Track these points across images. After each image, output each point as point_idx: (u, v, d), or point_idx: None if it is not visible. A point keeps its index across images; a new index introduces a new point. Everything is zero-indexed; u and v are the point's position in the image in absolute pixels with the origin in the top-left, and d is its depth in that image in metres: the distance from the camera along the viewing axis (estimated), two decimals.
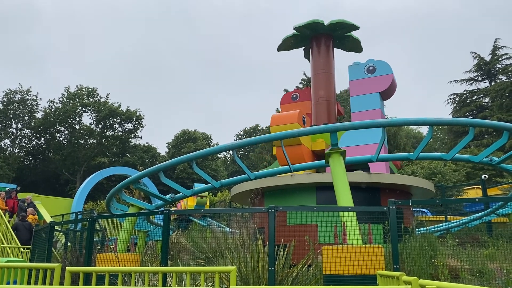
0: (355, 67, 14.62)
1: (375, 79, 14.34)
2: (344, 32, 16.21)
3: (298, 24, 16.06)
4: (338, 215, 7.59)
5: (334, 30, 15.91)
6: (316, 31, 16.02)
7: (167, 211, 7.44)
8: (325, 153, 8.52)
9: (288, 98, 16.94)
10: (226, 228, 14.10)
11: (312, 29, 16.03)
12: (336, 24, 15.62)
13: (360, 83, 14.22)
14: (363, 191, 11.15)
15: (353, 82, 14.33)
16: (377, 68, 14.39)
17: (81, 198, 26.00)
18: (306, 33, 16.28)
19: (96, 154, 49.63)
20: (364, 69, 14.45)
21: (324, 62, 15.75)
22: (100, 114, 49.92)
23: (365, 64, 14.64)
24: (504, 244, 9.30)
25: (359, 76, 14.49)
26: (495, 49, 42.51)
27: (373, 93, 14.28)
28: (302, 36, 16.42)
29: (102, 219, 13.73)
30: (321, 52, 15.93)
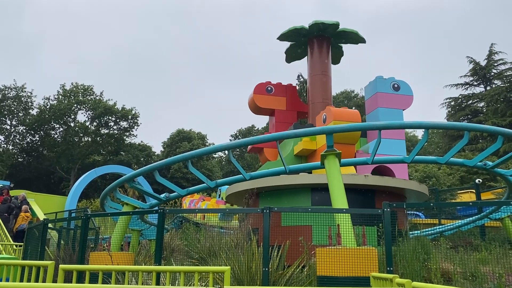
0: (381, 80, 15.09)
1: (400, 97, 15.01)
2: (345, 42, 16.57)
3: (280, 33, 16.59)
4: (333, 216, 7.60)
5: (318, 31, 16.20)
6: (305, 36, 16.48)
7: (162, 211, 7.43)
8: (321, 154, 8.54)
9: (262, 88, 16.55)
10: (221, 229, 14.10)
11: (300, 35, 16.60)
12: (348, 32, 16.05)
13: (387, 97, 14.80)
14: (358, 193, 11.19)
15: (381, 94, 14.82)
16: (401, 87, 15.07)
17: (75, 196, 25.88)
18: (299, 40, 16.76)
19: (90, 152, 49.41)
20: (390, 85, 14.94)
21: (319, 65, 15.86)
22: (95, 112, 49.72)
23: (390, 80, 15.19)
24: (496, 248, 9.37)
25: (386, 90, 15.04)
26: (491, 54, 42.79)
27: (398, 109, 14.96)
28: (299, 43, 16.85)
29: (96, 217, 13.67)
30: (315, 55, 16.08)
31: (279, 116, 16.35)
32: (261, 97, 16.34)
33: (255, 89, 16.40)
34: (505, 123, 35.98)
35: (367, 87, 15.57)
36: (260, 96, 16.33)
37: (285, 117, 16.46)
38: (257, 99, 16.23)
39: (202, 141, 55.84)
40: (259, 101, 16.23)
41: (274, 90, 16.54)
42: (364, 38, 16.57)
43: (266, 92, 16.42)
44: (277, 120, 16.22)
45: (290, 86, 16.97)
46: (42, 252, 10.02)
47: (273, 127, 16.30)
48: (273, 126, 16.40)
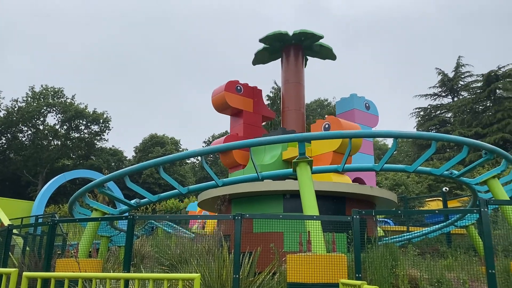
0: (357, 98, 15.56)
1: (370, 116, 15.61)
2: (311, 42, 16.53)
3: (263, 36, 16.33)
4: (304, 223, 7.67)
5: (300, 40, 16.25)
6: (282, 42, 16.34)
7: (132, 217, 7.32)
8: (293, 162, 8.61)
9: (232, 87, 15.99)
10: (192, 234, 13.98)
11: (277, 40, 16.37)
12: (300, 34, 15.96)
13: (362, 114, 15.34)
14: (329, 200, 11.31)
15: (357, 111, 15.22)
16: (371, 107, 15.54)
17: (42, 201, 25.18)
18: (275, 45, 16.54)
19: (60, 156, 48.24)
20: (363, 103, 15.41)
21: (293, 73, 16.00)
22: (65, 115, 48.60)
23: (363, 99, 15.73)
24: (461, 255, 9.65)
25: (361, 108, 15.56)
26: (458, 67, 44.23)
27: (369, 126, 15.56)
28: (274, 48, 16.67)
29: (64, 223, 13.34)
30: (290, 63, 16.18)
31: (247, 118, 15.94)
32: (232, 95, 15.80)
33: (226, 86, 15.76)
34: (470, 133, 37.20)
35: (341, 102, 15.88)
36: (230, 94, 15.77)
37: (252, 119, 16.10)
38: (228, 97, 15.64)
39: (175, 146, 55.36)
40: (230, 99, 15.66)
41: (243, 90, 16.14)
42: (335, 56, 16.98)
43: (236, 91, 15.95)
44: (245, 122, 15.84)
45: (256, 89, 16.66)
46: (5, 259, 9.70)
47: (239, 128, 15.85)
48: (238, 127, 15.93)
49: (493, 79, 40.13)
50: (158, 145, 53.07)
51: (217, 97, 15.98)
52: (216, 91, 16.06)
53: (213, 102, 16.13)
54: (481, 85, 41.51)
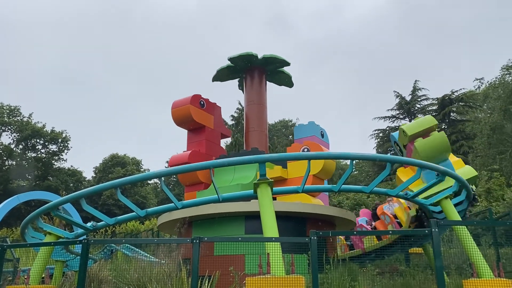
0: (314, 125, 15.55)
1: (325, 143, 15.52)
2: (277, 67, 16.77)
3: (233, 55, 16.29)
4: (263, 245, 7.68)
5: (266, 64, 16.40)
6: (250, 63, 16.35)
7: (86, 241, 7.10)
8: (254, 183, 8.66)
9: (197, 100, 15.36)
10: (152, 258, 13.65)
11: (246, 61, 16.32)
12: (269, 58, 16.12)
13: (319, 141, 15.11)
14: (290, 221, 11.40)
15: (316, 138, 15.19)
16: (324, 135, 15.76)
17: None
18: (240, 65, 16.50)
19: (15, 177, 46.25)
20: (319, 131, 15.53)
21: (257, 94, 16.14)
22: (21, 134, 46.87)
23: (319, 128, 15.72)
24: (419, 273, 9.90)
25: (318, 135, 15.44)
26: (415, 90, 46.10)
27: None
28: (236, 68, 16.67)
29: (15, 248, 12.74)
30: (254, 85, 16.31)
31: (208, 134, 15.37)
32: (196, 109, 15.11)
33: (192, 99, 15.07)
34: None
35: (299, 128, 15.87)
36: (195, 108, 15.07)
37: (212, 136, 15.61)
38: (193, 111, 14.93)
39: (136, 166, 54.27)
40: (195, 113, 14.97)
41: (205, 105, 15.59)
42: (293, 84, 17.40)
43: (200, 106, 15.34)
44: (207, 138, 15.27)
45: (216, 105, 16.19)
46: None
47: (199, 144, 15.21)
48: (198, 143, 15.26)
49: (447, 102, 42.05)
50: (119, 165, 51.86)
51: (179, 109, 15.13)
52: (178, 103, 15.26)
53: (174, 114, 15.26)
54: (436, 108, 43.37)
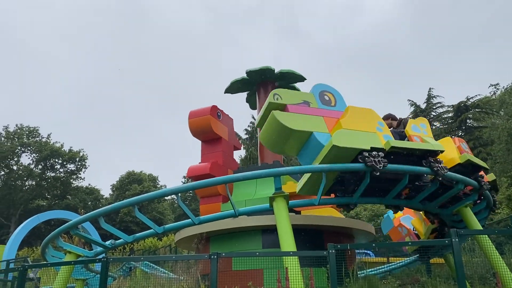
0: None
1: None
2: (290, 82, 16.74)
3: (251, 69, 16.09)
4: (281, 259, 7.63)
5: (281, 78, 16.37)
6: (266, 77, 16.27)
7: (105, 259, 7.16)
8: (269, 197, 8.64)
9: (215, 112, 14.80)
10: (170, 274, 13.65)
11: (261, 75, 16.26)
12: (286, 73, 16.09)
13: None
14: (307, 234, 11.29)
15: None
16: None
17: (14, 245, 24.23)
18: (255, 78, 16.48)
19: (34, 197, 47.00)
20: None
21: None
22: (40, 155, 47.76)
23: None
24: (441, 284, 9.69)
25: None
26: (430, 98, 45.67)
27: None
28: (250, 81, 16.67)
29: (35, 267, 12.88)
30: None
31: (224, 146, 14.84)
32: (214, 120, 14.55)
33: (211, 110, 14.48)
34: None
35: None
36: (213, 119, 14.49)
37: (227, 148, 15.14)
38: (212, 122, 14.32)
39: (153, 183, 54.67)
40: (214, 124, 14.37)
41: (221, 117, 15.10)
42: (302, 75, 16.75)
43: (217, 117, 14.80)
44: (223, 150, 14.72)
45: (229, 117, 15.83)
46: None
47: (216, 156, 14.65)
48: (215, 154, 14.68)
49: (463, 109, 41.54)
50: (135, 182, 52.32)
51: (198, 120, 14.45)
52: (196, 113, 14.62)
53: (192, 124, 14.48)
54: (452, 116, 42.85)
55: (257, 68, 15.97)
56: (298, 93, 9.78)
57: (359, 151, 8.44)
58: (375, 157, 8.33)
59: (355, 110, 9.30)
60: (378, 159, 8.34)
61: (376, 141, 8.68)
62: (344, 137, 8.51)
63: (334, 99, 9.92)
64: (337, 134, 8.53)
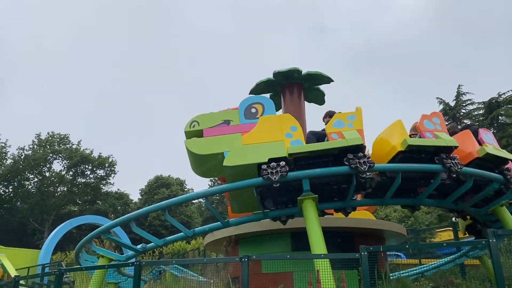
0: None
1: None
2: (317, 83, 16.57)
3: (279, 70, 15.89)
4: (311, 262, 7.57)
5: (308, 80, 16.20)
6: (292, 79, 16.10)
7: (138, 263, 7.26)
8: (298, 199, 8.58)
9: None
10: (200, 277, 13.74)
11: (288, 76, 16.12)
12: (313, 74, 15.93)
13: None
14: (337, 236, 11.16)
15: None
16: None
17: (48, 249, 24.93)
18: (281, 79, 16.32)
19: (66, 202, 48.24)
20: None
21: (296, 110, 15.91)
22: (71, 161, 49.02)
23: None
24: (477, 286, 9.42)
25: None
26: (459, 95, 44.57)
27: None
28: (275, 82, 16.52)
29: (70, 272, 13.19)
30: (294, 100, 16.11)
31: None
32: None
33: None
34: None
35: None
36: None
37: None
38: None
39: (180, 187, 55.24)
40: None
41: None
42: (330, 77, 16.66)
43: None
44: None
45: None
46: None
47: None
48: None
49: (494, 106, 40.33)
50: (163, 186, 53.00)
51: None
52: None
53: None
54: (483, 113, 41.65)
55: (284, 70, 15.80)
56: (219, 114, 9.59)
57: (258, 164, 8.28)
58: (273, 169, 8.09)
59: (265, 120, 9.12)
60: (276, 169, 8.08)
61: (278, 151, 8.40)
62: (238, 154, 8.48)
63: (263, 109, 9.62)
64: (230, 153, 8.52)
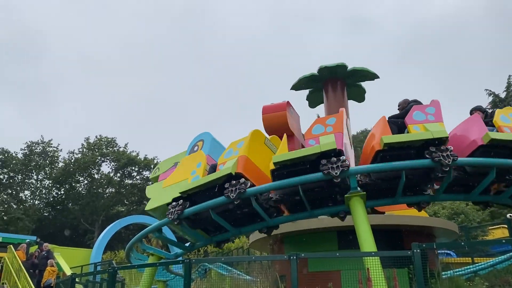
0: None
1: None
2: (361, 80, 16.27)
3: (325, 65, 15.62)
4: (360, 260, 7.43)
5: (353, 76, 15.91)
6: (336, 74, 15.79)
7: (188, 261, 7.38)
8: (345, 196, 8.44)
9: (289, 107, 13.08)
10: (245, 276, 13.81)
11: (332, 72, 15.78)
12: (358, 71, 15.65)
13: None
14: (384, 234, 10.91)
15: None
16: None
17: (100, 248, 25.93)
18: (324, 75, 16.03)
19: (114, 203, 49.95)
20: None
21: (340, 106, 15.66)
22: (118, 163, 50.73)
23: None
24: None
25: None
26: (510, 86, 42.53)
27: None
28: (317, 78, 16.28)
29: (123, 269, 13.63)
30: (337, 96, 15.86)
31: (295, 144, 13.11)
32: (290, 116, 13.22)
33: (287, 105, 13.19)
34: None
35: None
36: (290, 115, 13.16)
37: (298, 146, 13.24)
38: (289, 118, 13.00)
39: None
40: (290, 120, 13.04)
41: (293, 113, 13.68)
42: (375, 73, 16.36)
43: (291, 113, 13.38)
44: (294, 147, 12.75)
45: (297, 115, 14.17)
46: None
47: None
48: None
49: None
50: None
51: (274, 115, 12.98)
52: (272, 108, 13.18)
53: (266, 120, 13.03)
54: None
55: (330, 65, 15.51)
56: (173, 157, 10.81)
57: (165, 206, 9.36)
58: (173, 208, 9.08)
59: (184, 161, 10.27)
60: (176, 209, 9.00)
61: (179, 190, 9.30)
62: (154, 199, 9.93)
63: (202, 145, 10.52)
64: (151, 199, 9.93)
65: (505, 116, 9.15)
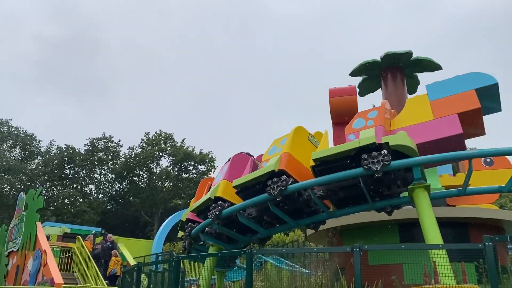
0: None
1: None
2: (423, 70, 15.60)
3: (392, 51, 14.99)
4: (424, 253, 7.19)
5: (414, 65, 15.26)
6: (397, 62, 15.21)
7: (250, 251, 7.44)
8: (408, 188, 8.19)
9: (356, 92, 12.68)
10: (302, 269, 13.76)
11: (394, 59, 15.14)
12: (421, 60, 15.00)
13: None
14: (449, 227, 10.49)
15: None
16: None
17: (160, 240, 26.92)
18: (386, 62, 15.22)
19: (172, 196, 51.56)
20: None
21: (399, 95, 15.06)
22: (176, 158, 52.31)
23: None
24: None
25: None
26: None
27: None
28: (377, 65, 15.65)
29: (186, 259, 14.03)
30: (397, 87, 15.21)
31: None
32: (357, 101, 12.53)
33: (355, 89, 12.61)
34: None
35: None
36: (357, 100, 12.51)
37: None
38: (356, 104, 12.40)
39: None
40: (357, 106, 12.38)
41: None
42: (439, 65, 15.71)
43: None
44: None
45: None
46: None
47: None
48: None
49: None
50: None
51: (343, 99, 12.40)
52: (340, 92, 12.54)
53: (334, 103, 12.40)
54: None
55: (399, 52, 14.81)
56: None
57: None
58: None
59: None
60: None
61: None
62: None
63: None
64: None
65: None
